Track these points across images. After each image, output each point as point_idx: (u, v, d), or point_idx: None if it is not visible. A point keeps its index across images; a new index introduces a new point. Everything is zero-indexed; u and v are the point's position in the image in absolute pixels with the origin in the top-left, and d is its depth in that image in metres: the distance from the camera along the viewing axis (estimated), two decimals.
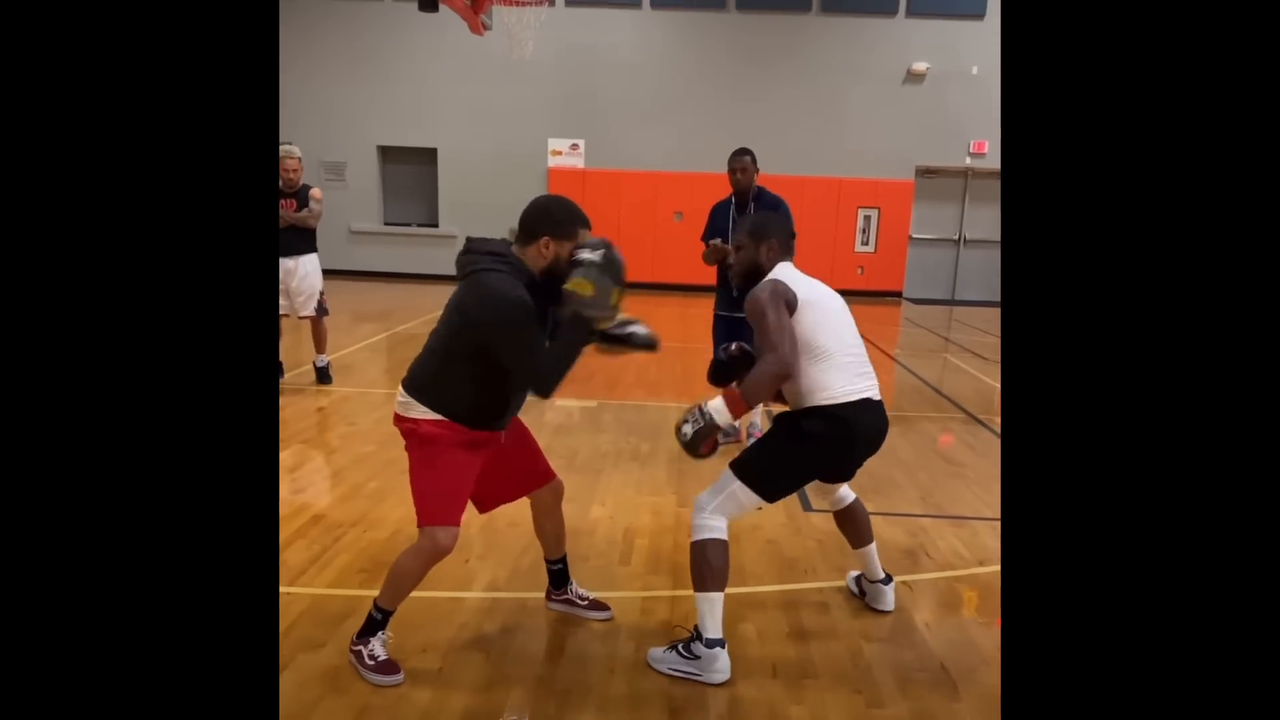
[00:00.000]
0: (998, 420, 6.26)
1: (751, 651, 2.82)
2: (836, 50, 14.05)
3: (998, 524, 4.12)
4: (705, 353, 8.85)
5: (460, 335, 2.48)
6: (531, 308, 2.42)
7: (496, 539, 3.62)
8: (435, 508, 2.52)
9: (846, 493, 3.12)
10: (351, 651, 2.62)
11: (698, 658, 2.63)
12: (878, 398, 2.72)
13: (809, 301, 2.67)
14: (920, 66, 14.00)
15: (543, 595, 3.07)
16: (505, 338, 2.41)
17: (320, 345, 6.53)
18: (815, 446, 2.67)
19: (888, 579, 3.16)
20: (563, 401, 6.44)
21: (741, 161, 4.93)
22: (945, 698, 2.60)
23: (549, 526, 2.94)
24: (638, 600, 3.18)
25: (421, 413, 2.52)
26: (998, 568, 3.58)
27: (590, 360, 2.58)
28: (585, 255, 2.45)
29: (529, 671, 2.66)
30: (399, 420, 2.59)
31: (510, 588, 3.21)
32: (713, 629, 2.63)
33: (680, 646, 2.68)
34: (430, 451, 2.52)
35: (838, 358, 2.65)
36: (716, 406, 2.58)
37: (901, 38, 13.99)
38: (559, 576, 3.02)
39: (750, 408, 2.59)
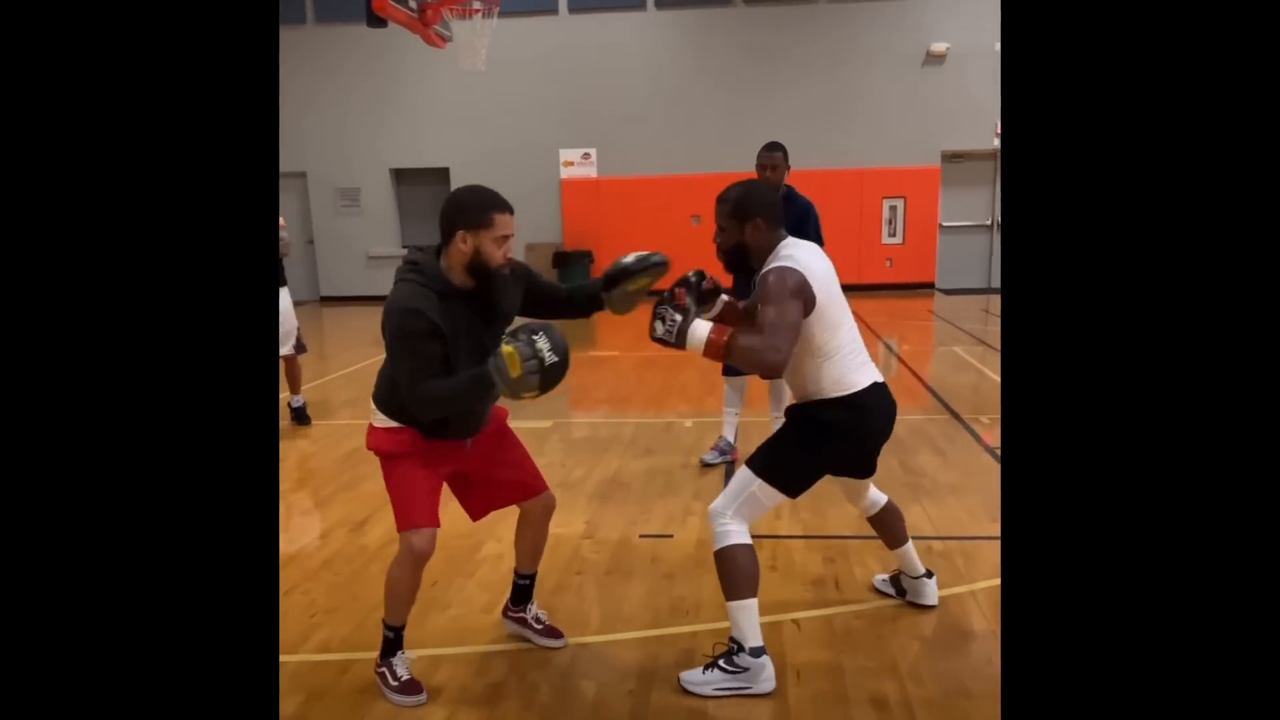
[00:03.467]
0: (982, 420, 5.78)
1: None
2: (850, 37, 13.52)
3: (934, 543, 3.71)
4: (695, 366, 8.57)
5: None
6: (424, 319, 2.34)
7: (348, 589, 3.39)
8: (401, 512, 2.55)
9: (878, 496, 3.07)
10: (377, 673, 2.68)
11: (745, 669, 2.56)
12: (883, 379, 2.71)
13: (827, 300, 2.56)
14: (939, 47, 13.38)
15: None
16: (391, 346, 2.42)
17: (295, 385, 6.19)
18: (833, 434, 2.64)
19: (929, 574, 3.16)
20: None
21: (772, 158, 4.51)
22: None
23: (530, 539, 2.91)
24: (476, 657, 2.89)
25: (381, 421, 2.57)
26: (902, 602, 3.18)
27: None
28: (539, 342, 2.23)
29: None
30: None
31: (345, 648, 2.94)
32: (753, 637, 2.57)
33: (722, 661, 2.59)
34: (387, 462, 2.58)
35: (845, 353, 2.62)
36: (697, 337, 2.42)
37: (917, 18, 13.37)
38: (522, 592, 2.98)
39: (723, 361, 2.47)
